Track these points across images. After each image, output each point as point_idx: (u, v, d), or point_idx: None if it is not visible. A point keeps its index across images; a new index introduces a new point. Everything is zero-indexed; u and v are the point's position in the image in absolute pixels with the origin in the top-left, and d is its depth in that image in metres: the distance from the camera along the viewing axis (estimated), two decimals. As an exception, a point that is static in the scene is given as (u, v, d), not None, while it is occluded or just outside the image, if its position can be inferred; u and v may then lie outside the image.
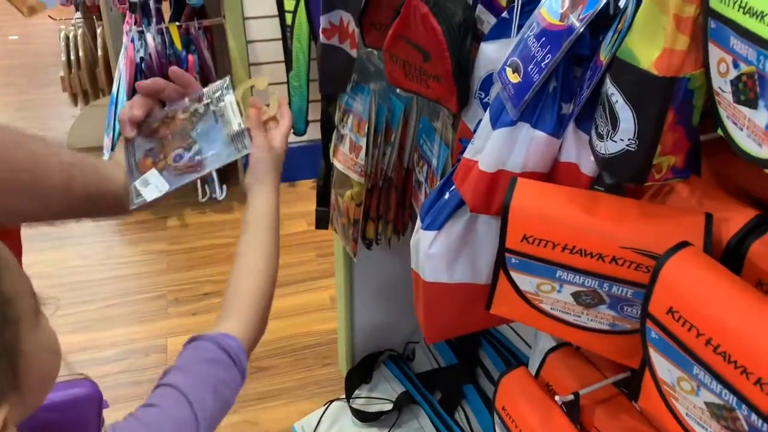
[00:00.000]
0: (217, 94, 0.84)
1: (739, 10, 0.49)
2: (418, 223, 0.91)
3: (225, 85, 0.84)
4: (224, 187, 2.63)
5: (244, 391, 1.91)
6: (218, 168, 0.83)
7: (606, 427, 0.85)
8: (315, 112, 1.48)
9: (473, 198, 0.79)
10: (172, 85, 0.82)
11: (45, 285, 0.53)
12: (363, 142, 1.22)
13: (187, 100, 0.83)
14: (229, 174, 2.72)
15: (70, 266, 2.29)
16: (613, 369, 0.89)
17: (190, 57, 2.36)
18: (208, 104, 0.83)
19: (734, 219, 0.68)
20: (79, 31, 3.11)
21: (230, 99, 0.83)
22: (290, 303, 2.08)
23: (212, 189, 2.58)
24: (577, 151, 0.72)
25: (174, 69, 0.82)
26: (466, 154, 0.81)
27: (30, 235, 0.83)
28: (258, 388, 1.79)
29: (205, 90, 0.84)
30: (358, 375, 1.65)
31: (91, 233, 2.47)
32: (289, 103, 2.59)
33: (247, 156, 0.83)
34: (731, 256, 0.67)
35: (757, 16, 0.47)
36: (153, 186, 0.78)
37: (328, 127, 1.32)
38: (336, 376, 1.78)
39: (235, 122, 0.82)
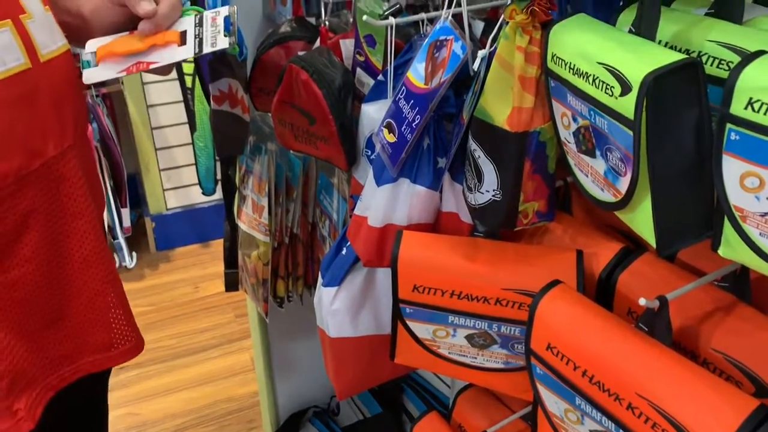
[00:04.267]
0: None
1: (569, 71, 0.54)
2: (320, 280, 0.93)
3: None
4: (134, 254, 2.55)
5: (167, 467, 1.81)
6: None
7: (516, 462, 0.88)
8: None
9: (366, 252, 0.81)
10: None
11: None
12: (265, 202, 1.23)
13: None
14: (140, 241, 2.65)
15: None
16: (520, 404, 0.92)
17: (89, 126, 2.31)
18: None
19: (603, 253, 0.73)
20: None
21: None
22: (210, 368, 2.03)
23: (121, 257, 2.50)
24: (455, 201, 0.76)
25: None
26: (356, 211, 0.84)
27: None
28: (181, 461, 1.72)
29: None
30: (284, 436, 1.62)
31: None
32: (196, 164, 2.58)
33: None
34: (604, 288, 0.73)
35: (583, 77, 0.52)
36: None
37: (229, 189, 1.33)
38: (262, 440, 1.74)
39: None
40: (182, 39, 0.71)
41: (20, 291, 0.82)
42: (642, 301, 0.57)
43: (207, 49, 0.71)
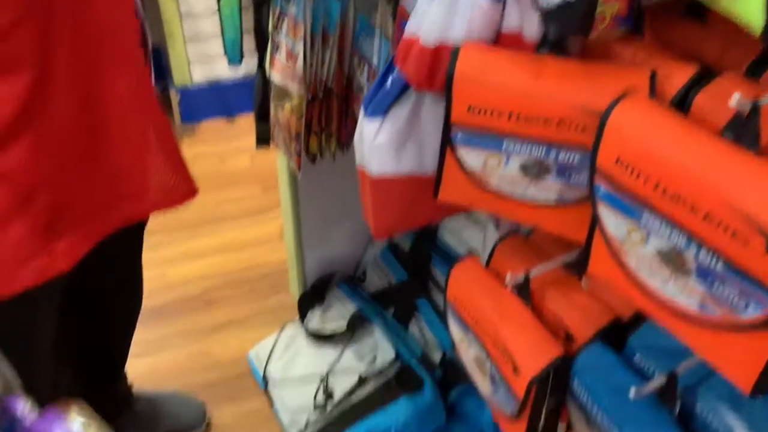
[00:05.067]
0: None
1: None
2: (362, 113, 0.88)
3: None
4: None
5: (196, 323, 1.87)
6: None
7: (556, 305, 0.86)
8: (250, 43, 1.39)
9: (416, 75, 0.76)
10: None
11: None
12: (300, 48, 1.17)
13: None
14: (165, 112, 2.61)
15: None
16: (562, 254, 0.89)
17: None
18: None
19: (677, 75, 0.67)
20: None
21: None
22: (239, 235, 2.04)
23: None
24: (520, 16, 0.69)
25: None
26: (406, 33, 0.77)
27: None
28: (210, 320, 1.75)
29: None
30: (311, 298, 1.63)
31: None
32: (222, 34, 2.48)
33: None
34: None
35: None
36: None
37: (261, 36, 1.26)
38: (289, 303, 1.76)
39: None
40: None
41: (57, 119, 0.80)
42: (733, 101, 0.52)
43: None
